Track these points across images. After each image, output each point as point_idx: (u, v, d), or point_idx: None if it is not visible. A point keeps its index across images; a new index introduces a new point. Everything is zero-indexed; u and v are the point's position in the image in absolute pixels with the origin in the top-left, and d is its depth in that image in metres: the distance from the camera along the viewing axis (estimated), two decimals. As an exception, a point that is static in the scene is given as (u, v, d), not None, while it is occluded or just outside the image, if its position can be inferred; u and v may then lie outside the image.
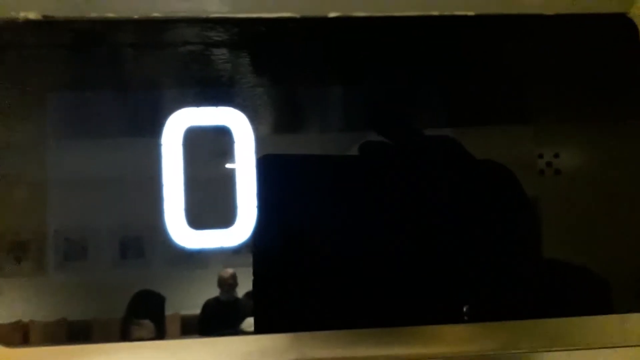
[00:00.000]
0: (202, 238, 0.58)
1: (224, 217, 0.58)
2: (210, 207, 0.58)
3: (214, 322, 0.57)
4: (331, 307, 0.58)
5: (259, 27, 0.60)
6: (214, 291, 0.57)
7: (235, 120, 0.59)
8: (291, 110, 0.61)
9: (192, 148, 0.58)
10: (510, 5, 0.61)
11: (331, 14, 0.60)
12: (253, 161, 0.58)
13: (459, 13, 0.61)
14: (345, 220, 0.58)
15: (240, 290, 0.57)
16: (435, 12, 0.61)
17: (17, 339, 0.55)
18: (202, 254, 0.57)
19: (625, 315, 0.59)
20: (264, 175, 0.58)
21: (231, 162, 0.58)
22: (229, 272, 0.57)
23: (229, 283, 0.57)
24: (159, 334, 0.57)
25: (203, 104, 0.59)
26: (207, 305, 0.57)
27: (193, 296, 0.57)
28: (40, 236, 0.56)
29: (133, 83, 0.59)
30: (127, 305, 0.56)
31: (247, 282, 0.57)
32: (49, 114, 0.58)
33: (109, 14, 0.59)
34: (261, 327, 0.57)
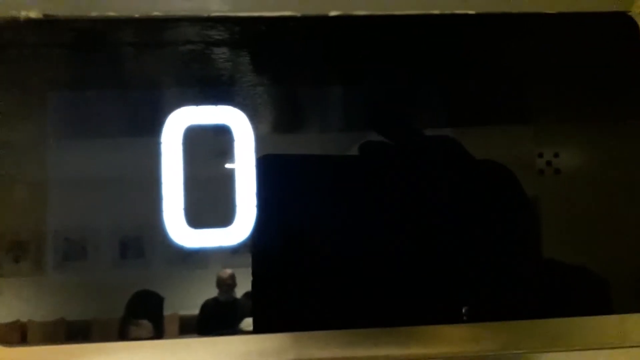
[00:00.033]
0: (201, 237, 0.58)
1: (223, 217, 0.58)
2: (209, 206, 0.58)
3: (212, 322, 0.57)
4: (330, 307, 0.58)
5: (259, 25, 0.60)
6: (213, 291, 0.57)
7: (235, 119, 0.59)
8: (291, 109, 0.61)
9: (192, 147, 0.58)
10: (511, 4, 0.61)
11: (332, 13, 0.60)
12: (253, 160, 0.58)
13: (459, 12, 0.61)
14: (344, 220, 0.58)
15: (238, 290, 0.57)
16: (436, 11, 0.61)
17: (16, 339, 0.56)
18: (201, 254, 0.57)
19: (624, 315, 0.59)
20: (264, 175, 0.58)
21: (231, 162, 0.58)
22: (228, 273, 0.57)
23: (228, 283, 0.57)
24: (158, 334, 0.57)
25: (203, 102, 0.59)
26: (206, 306, 0.57)
27: (192, 296, 0.57)
28: (39, 236, 0.57)
29: (133, 82, 0.59)
30: (126, 305, 0.56)
31: (245, 282, 0.57)
32: (49, 113, 0.58)
33: (110, 13, 0.59)
34: (260, 327, 0.57)
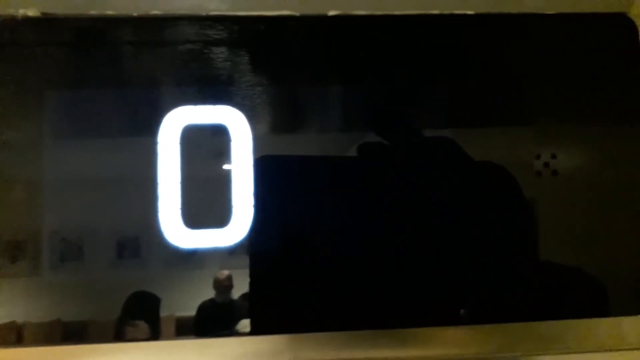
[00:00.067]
0: (197, 238, 0.58)
1: (219, 217, 0.58)
2: (206, 206, 0.58)
3: (209, 324, 0.57)
4: (327, 308, 0.58)
5: (258, 25, 0.60)
6: (210, 292, 0.57)
7: (233, 119, 0.59)
8: (289, 109, 0.61)
9: (189, 147, 0.58)
10: (510, 5, 0.61)
11: (331, 13, 0.60)
12: (250, 160, 0.58)
13: (458, 12, 0.61)
14: (342, 221, 0.58)
15: (235, 291, 0.57)
16: (435, 11, 0.61)
17: (12, 339, 0.55)
18: (198, 255, 0.57)
19: (621, 318, 0.59)
20: (262, 175, 0.58)
21: (228, 162, 0.58)
22: (225, 274, 0.57)
23: (225, 285, 0.57)
24: (154, 335, 0.57)
25: (201, 102, 0.59)
26: (203, 307, 0.57)
27: (188, 297, 0.57)
28: (36, 236, 0.57)
29: (131, 81, 0.59)
30: (123, 306, 0.56)
31: (242, 283, 0.57)
32: (47, 113, 0.58)
33: (109, 12, 0.59)
34: (257, 328, 0.57)
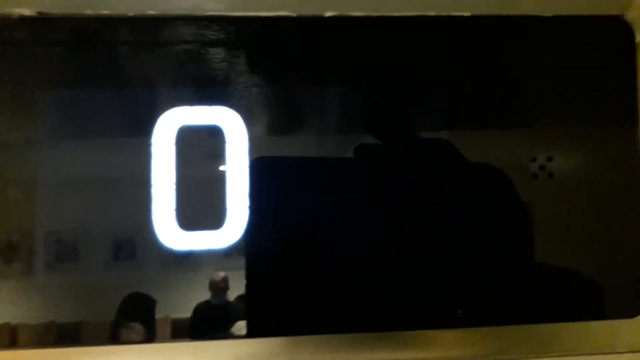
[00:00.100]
0: (191, 239, 0.57)
1: (214, 219, 0.58)
2: (200, 208, 0.58)
3: (204, 325, 0.57)
4: (323, 310, 0.57)
5: (254, 25, 0.60)
6: (205, 294, 0.57)
7: (229, 120, 0.59)
8: (285, 110, 0.61)
9: (184, 148, 0.58)
10: (506, 6, 0.61)
11: (327, 14, 0.60)
12: (246, 162, 0.58)
13: (455, 13, 0.61)
14: (338, 223, 0.58)
15: (231, 293, 0.57)
16: (432, 13, 0.61)
17: (5, 341, 0.55)
18: (193, 256, 0.57)
19: (616, 321, 0.59)
20: (257, 177, 0.58)
21: (223, 163, 0.58)
22: (221, 276, 0.57)
23: (220, 286, 0.57)
24: (150, 337, 0.57)
25: (196, 103, 0.59)
26: (198, 309, 0.57)
27: (184, 299, 0.57)
28: (30, 237, 0.56)
29: (126, 81, 0.59)
30: (118, 307, 0.56)
31: (238, 285, 0.57)
32: (41, 112, 0.58)
33: (104, 11, 0.58)
34: (253, 331, 0.57)
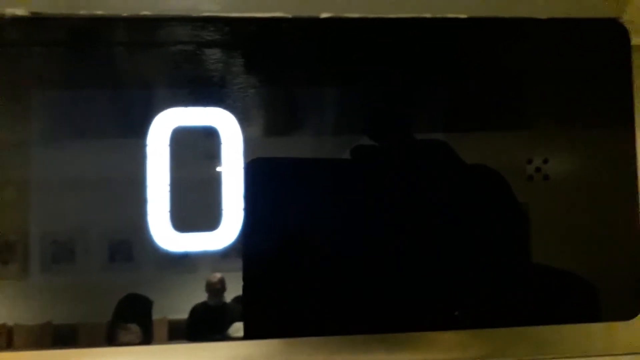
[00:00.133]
0: (186, 241, 0.57)
1: (209, 220, 0.57)
2: (195, 209, 0.58)
3: (201, 327, 0.57)
4: (320, 312, 0.57)
5: (250, 27, 0.59)
6: (202, 296, 0.57)
7: (224, 122, 0.58)
8: (280, 111, 0.60)
9: (179, 149, 0.58)
10: (502, 9, 0.61)
11: (323, 15, 0.60)
12: (241, 163, 0.58)
13: (451, 15, 0.61)
14: (335, 224, 0.58)
15: (228, 295, 0.57)
16: (428, 15, 0.61)
17: (1, 343, 0.55)
18: (189, 258, 0.57)
19: (612, 323, 0.60)
20: (253, 178, 0.57)
21: (218, 164, 0.58)
22: (217, 277, 0.57)
23: (217, 288, 0.57)
24: (147, 339, 0.56)
25: (191, 104, 0.58)
26: (195, 310, 0.57)
27: (181, 300, 0.57)
28: (26, 238, 0.56)
29: (120, 82, 0.59)
30: (114, 308, 0.56)
31: (235, 286, 0.57)
32: (35, 113, 0.57)
33: (98, 12, 0.58)
34: (249, 332, 0.56)
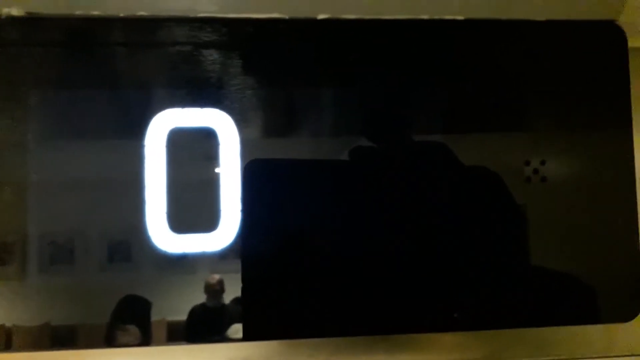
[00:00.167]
0: (184, 242, 0.57)
1: (207, 222, 0.57)
2: (193, 211, 0.58)
3: (200, 328, 0.57)
4: (319, 313, 0.57)
5: (247, 28, 0.59)
6: (201, 297, 0.56)
7: (221, 122, 0.58)
8: (277, 112, 0.60)
9: (176, 150, 0.57)
10: (500, 11, 0.61)
11: (320, 16, 0.60)
12: (238, 164, 0.58)
13: (448, 17, 0.61)
14: (334, 226, 0.58)
15: (226, 296, 0.57)
16: (425, 16, 0.61)
17: (0, 344, 0.55)
18: (187, 259, 0.57)
19: (610, 325, 0.60)
20: (251, 179, 0.57)
21: (216, 165, 0.58)
22: (216, 278, 0.57)
23: (216, 289, 0.57)
24: (145, 340, 0.56)
25: (188, 105, 0.58)
26: (194, 311, 0.56)
27: (179, 302, 0.57)
28: (24, 239, 0.56)
29: (117, 82, 0.58)
30: (113, 310, 0.56)
31: (233, 288, 0.56)
32: (32, 113, 0.57)
33: (94, 12, 0.58)
34: (248, 333, 0.56)
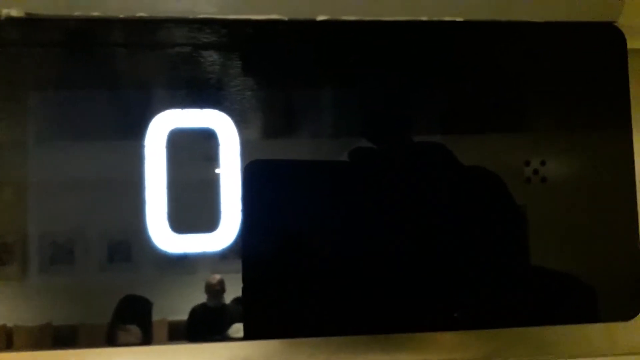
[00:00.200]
0: (185, 242, 0.57)
1: (207, 222, 0.57)
2: (193, 211, 0.58)
3: (201, 328, 0.57)
4: (319, 313, 0.57)
5: (246, 29, 0.59)
6: (201, 297, 0.56)
7: (221, 123, 0.58)
8: (277, 113, 0.60)
9: (176, 151, 0.57)
10: (499, 12, 0.61)
11: (320, 17, 0.60)
12: (238, 165, 0.58)
13: (447, 19, 0.61)
14: (334, 226, 0.58)
15: (227, 296, 0.57)
16: (424, 17, 0.61)
17: (1, 344, 0.55)
18: (188, 259, 0.57)
19: (611, 324, 0.60)
20: (251, 180, 0.57)
21: (216, 166, 0.58)
22: (216, 278, 0.57)
23: (216, 289, 0.57)
24: (146, 340, 0.56)
25: (188, 105, 0.58)
26: (195, 311, 0.56)
27: (180, 301, 0.57)
28: (25, 239, 0.56)
29: (117, 83, 0.58)
30: (114, 309, 0.56)
31: (234, 288, 0.56)
32: (32, 114, 0.57)
33: (94, 13, 0.58)
34: (249, 333, 0.56)
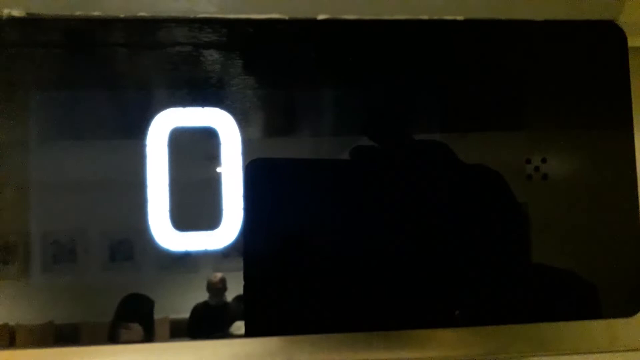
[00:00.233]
0: (187, 240, 0.57)
1: (209, 220, 0.57)
2: (195, 209, 0.58)
3: (203, 326, 0.57)
4: (321, 310, 0.57)
5: (247, 28, 0.59)
6: (203, 295, 0.57)
7: (222, 122, 0.59)
8: (278, 112, 0.60)
9: (178, 149, 0.58)
10: (499, 11, 0.61)
11: (320, 17, 0.60)
12: (239, 163, 0.58)
13: (448, 17, 0.61)
14: (335, 224, 0.58)
15: (229, 294, 0.57)
16: (425, 16, 0.61)
17: (4, 342, 0.55)
18: (190, 257, 0.57)
19: (612, 320, 0.60)
20: (253, 178, 0.57)
21: (217, 165, 0.58)
22: (218, 276, 0.57)
23: (218, 287, 0.57)
24: (148, 337, 0.56)
25: (189, 104, 0.58)
26: (196, 309, 0.57)
27: (182, 300, 0.57)
28: (27, 238, 0.56)
29: (118, 83, 0.59)
30: (116, 308, 0.56)
31: (235, 285, 0.57)
32: (34, 114, 0.57)
33: (95, 13, 0.58)
34: (250, 330, 0.56)
